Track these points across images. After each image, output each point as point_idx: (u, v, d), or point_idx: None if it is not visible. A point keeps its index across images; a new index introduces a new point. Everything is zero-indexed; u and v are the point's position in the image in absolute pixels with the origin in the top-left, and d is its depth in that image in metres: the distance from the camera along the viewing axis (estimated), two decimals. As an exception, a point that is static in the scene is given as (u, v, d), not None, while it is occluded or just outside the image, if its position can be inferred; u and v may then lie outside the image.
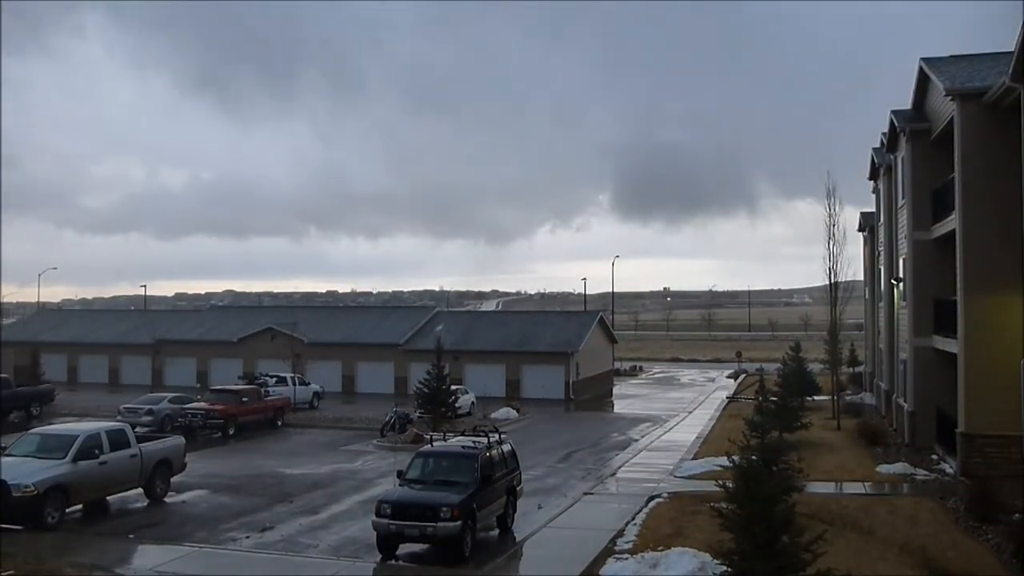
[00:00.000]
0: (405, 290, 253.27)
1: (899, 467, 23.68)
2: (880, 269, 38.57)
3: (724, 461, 13.48)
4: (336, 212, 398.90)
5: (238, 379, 43.15)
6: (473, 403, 40.92)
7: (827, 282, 35.77)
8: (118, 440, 20.09)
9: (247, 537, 17.46)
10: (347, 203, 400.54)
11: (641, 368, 74.80)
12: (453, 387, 36.22)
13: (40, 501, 17.49)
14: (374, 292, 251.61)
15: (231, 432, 33.38)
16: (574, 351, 49.58)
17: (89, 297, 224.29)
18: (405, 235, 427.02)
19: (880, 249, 38.14)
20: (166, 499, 21.08)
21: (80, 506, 19.36)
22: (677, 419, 39.82)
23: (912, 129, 27.38)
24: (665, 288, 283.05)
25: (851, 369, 56.33)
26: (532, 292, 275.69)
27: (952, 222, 23.02)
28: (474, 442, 18.33)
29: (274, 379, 41.94)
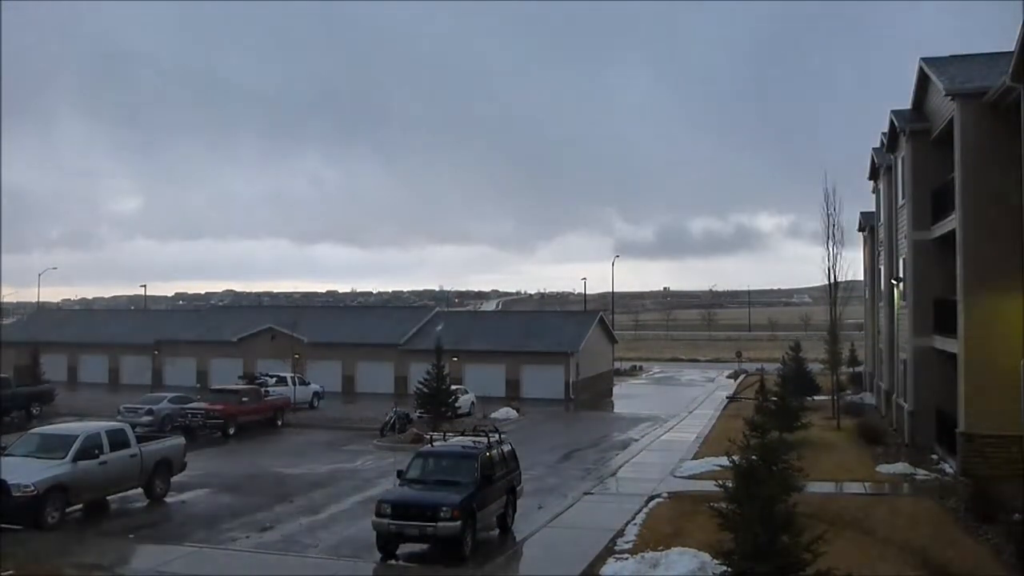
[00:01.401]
0: (405, 290, 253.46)
1: (899, 467, 23.69)
2: (880, 269, 38.58)
3: (724, 461, 13.47)
4: (339, 218, 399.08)
5: (238, 379, 43.14)
6: (473, 403, 40.92)
7: (827, 282, 35.79)
8: (118, 440, 20.07)
9: (247, 537, 17.46)
10: (350, 209, 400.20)
11: (641, 368, 74.83)
12: (453, 387, 36.22)
13: (40, 501, 17.47)
14: (374, 292, 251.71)
15: (231, 432, 33.38)
16: (574, 351, 49.58)
17: (89, 297, 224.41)
18: (405, 238, 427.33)
19: (880, 249, 38.15)
20: (166, 499, 21.08)
21: (80, 506, 19.35)
22: (677, 419, 39.81)
23: (912, 129, 27.38)
24: (665, 288, 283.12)
25: (851, 369, 56.33)
26: (532, 292, 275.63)
27: (952, 222, 23.02)
28: (474, 442, 18.32)
29: (274, 379, 41.94)
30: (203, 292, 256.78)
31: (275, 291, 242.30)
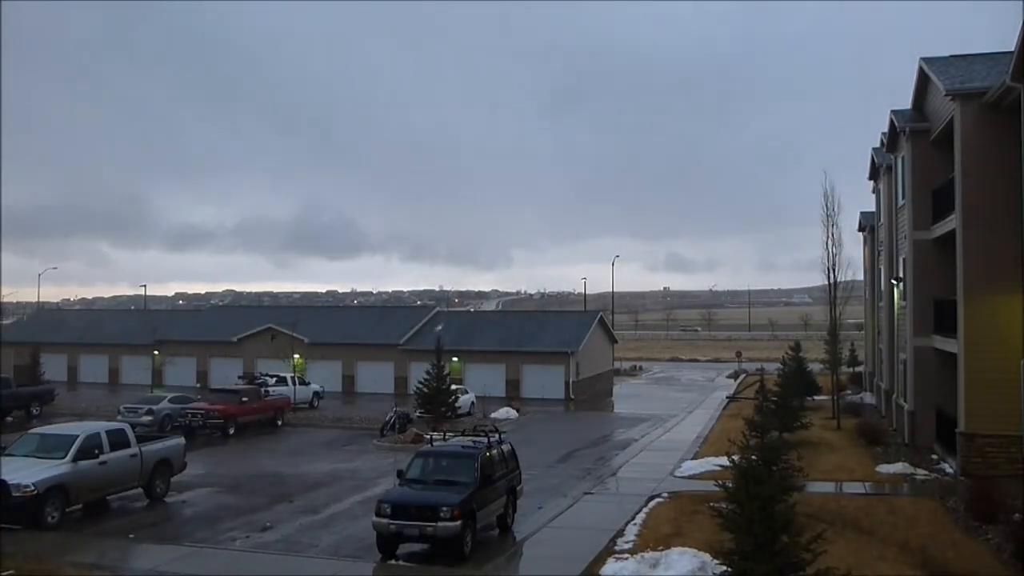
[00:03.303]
0: (405, 290, 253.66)
1: (899, 467, 23.68)
2: (880, 269, 38.57)
3: (724, 461, 13.48)
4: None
5: (238, 379, 43.15)
6: (473, 403, 40.92)
7: (827, 282, 35.77)
8: (118, 440, 20.08)
9: (247, 537, 17.45)
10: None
11: (641, 368, 74.83)
12: (453, 387, 36.21)
13: (40, 501, 17.47)
14: (374, 292, 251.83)
15: (231, 432, 33.39)
16: (574, 351, 49.58)
17: (89, 297, 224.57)
18: (403, 239, 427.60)
19: (880, 249, 38.14)
20: (166, 499, 21.08)
21: (80, 506, 19.35)
22: (677, 419, 39.80)
23: (912, 129, 27.36)
24: (665, 288, 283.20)
25: (851, 369, 56.35)
26: (532, 292, 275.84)
27: (952, 222, 23.01)
28: (474, 442, 18.31)
29: (274, 379, 41.94)
30: (203, 292, 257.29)
31: (275, 291, 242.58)
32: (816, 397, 41.12)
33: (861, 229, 48.73)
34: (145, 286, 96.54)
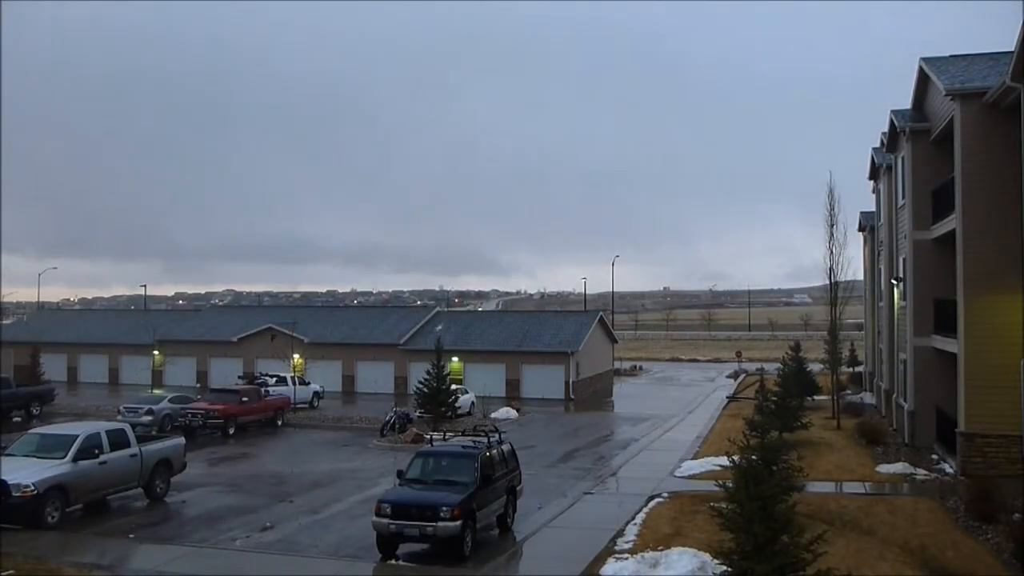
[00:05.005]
0: (405, 290, 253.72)
1: (899, 467, 23.69)
2: (880, 269, 38.58)
3: (724, 461, 13.49)
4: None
5: (238, 379, 43.15)
6: (473, 403, 40.92)
7: (827, 282, 35.78)
8: (118, 440, 20.09)
9: (247, 537, 17.46)
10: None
11: (641, 368, 74.78)
12: (453, 387, 36.21)
13: (40, 501, 17.49)
14: (374, 292, 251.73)
15: (231, 432, 33.39)
16: (574, 351, 49.58)
17: (89, 297, 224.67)
18: (403, 240, 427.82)
19: (880, 249, 38.15)
20: (166, 499, 21.09)
21: (80, 506, 19.35)
22: (677, 419, 39.78)
23: (912, 129, 27.37)
24: (665, 288, 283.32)
25: (851, 369, 56.35)
26: (532, 292, 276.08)
27: (952, 222, 23.02)
28: (474, 442, 18.33)
29: (274, 379, 41.94)
30: (203, 292, 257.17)
31: (275, 291, 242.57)
32: (816, 397, 41.12)
33: (861, 229, 48.72)
34: (145, 286, 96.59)
